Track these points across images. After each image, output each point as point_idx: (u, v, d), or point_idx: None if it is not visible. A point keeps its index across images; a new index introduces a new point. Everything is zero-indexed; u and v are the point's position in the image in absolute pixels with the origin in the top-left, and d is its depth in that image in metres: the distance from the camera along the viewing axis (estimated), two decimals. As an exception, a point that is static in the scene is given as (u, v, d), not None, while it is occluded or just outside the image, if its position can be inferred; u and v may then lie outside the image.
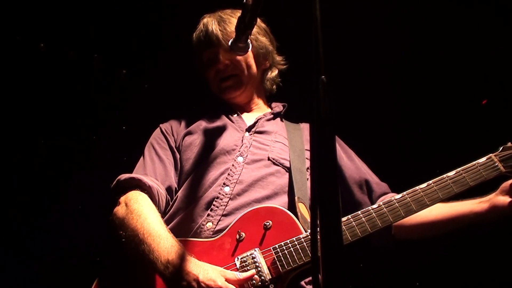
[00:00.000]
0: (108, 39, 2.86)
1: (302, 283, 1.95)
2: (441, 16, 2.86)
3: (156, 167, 2.15)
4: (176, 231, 1.92)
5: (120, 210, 1.96)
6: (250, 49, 2.31)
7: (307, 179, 2.12)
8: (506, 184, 1.97)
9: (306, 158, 2.21)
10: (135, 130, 2.74)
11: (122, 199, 1.99)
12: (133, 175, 2.07)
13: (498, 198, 1.98)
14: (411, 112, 2.98)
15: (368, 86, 2.97)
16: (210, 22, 2.31)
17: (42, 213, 2.72)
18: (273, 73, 2.54)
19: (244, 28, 1.93)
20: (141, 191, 2.01)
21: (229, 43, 2.06)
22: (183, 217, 2.02)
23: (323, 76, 1.19)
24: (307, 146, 2.27)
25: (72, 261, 2.64)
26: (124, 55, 2.91)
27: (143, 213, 1.90)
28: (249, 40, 2.06)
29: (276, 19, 2.49)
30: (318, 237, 1.05)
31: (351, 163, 2.33)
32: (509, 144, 2.04)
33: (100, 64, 2.86)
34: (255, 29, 2.37)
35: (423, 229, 2.10)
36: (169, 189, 2.13)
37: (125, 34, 2.88)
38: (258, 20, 2.43)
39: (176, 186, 2.15)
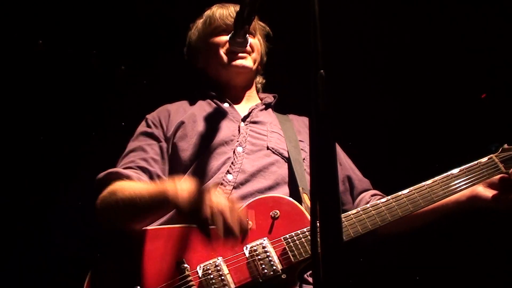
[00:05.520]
0: (106, 36, 2.86)
1: (305, 275, 1.94)
2: (441, 12, 2.86)
3: (136, 159, 2.13)
4: (174, 220, 1.92)
5: (102, 195, 1.97)
6: (258, 46, 2.31)
7: (305, 169, 2.14)
8: (495, 177, 2.02)
9: (301, 149, 2.22)
10: (135, 127, 2.74)
11: (104, 191, 2.00)
12: (110, 170, 2.07)
13: (481, 189, 2.02)
14: (410, 107, 2.99)
15: (367, 82, 2.97)
16: (229, 8, 2.31)
17: (42, 212, 2.72)
18: (260, 79, 2.55)
19: (242, 23, 1.93)
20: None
21: (228, 38, 2.06)
22: None
23: (322, 71, 1.18)
24: (300, 137, 2.28)
25: (72, 259, 2.64)
26: (123, 51, 2.91)
27: (124, 186, 1.94)
28: (247, 36, 2.05)
29: (274, 13, 2.49)
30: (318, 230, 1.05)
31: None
32: (505, 146, 2.10)
33: (98, 60, 2.86)
34: (263, 35, 2.40)
35: (403, 222, 2.03)
36: (151, 178, 2.10)
37: (124, 30, 2.88)
38: (264, 24, 2.45)
39: (160, 174, 2.12)
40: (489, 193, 2.01)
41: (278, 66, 2.63)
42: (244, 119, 2.27)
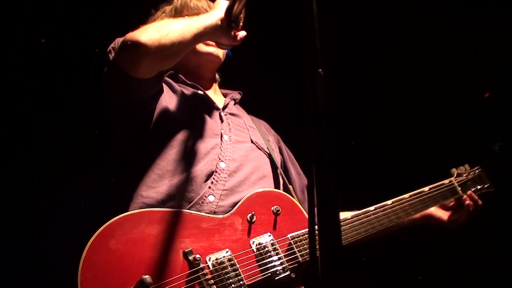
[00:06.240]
0: (109, 35, 2.85)
1: None
2: (440, 12, 2.87)
3: None
4: (171, 199, 1.85)
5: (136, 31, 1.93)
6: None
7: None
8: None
9: (272, 149, 2.27)
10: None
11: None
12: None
13: (433, 209, 2.29)
14: (409, 105, 2.99)
15: (365, 81, 2.98)
16: (202, 1, 2.30)
17: (41, 211, 2.72)
18: (218, 76, 2.50)
19: (231, 21, 1.92)
20: None
21: None
22: (178, 185, 1.91)
23: (320, 70, 1.18)
24: (267, 137, 2.32)
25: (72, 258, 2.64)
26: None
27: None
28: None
29: (272, 11, 2.49)
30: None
31: (295, 172, 2.39)
32: (454, 169, 2.41)
33: (101, 59, 2.85)
34: None
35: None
36: None
37: (124, 30, 2.87)
38: None
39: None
40: (440, 213, 2.33)
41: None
42: (223, 109, 2.24)
